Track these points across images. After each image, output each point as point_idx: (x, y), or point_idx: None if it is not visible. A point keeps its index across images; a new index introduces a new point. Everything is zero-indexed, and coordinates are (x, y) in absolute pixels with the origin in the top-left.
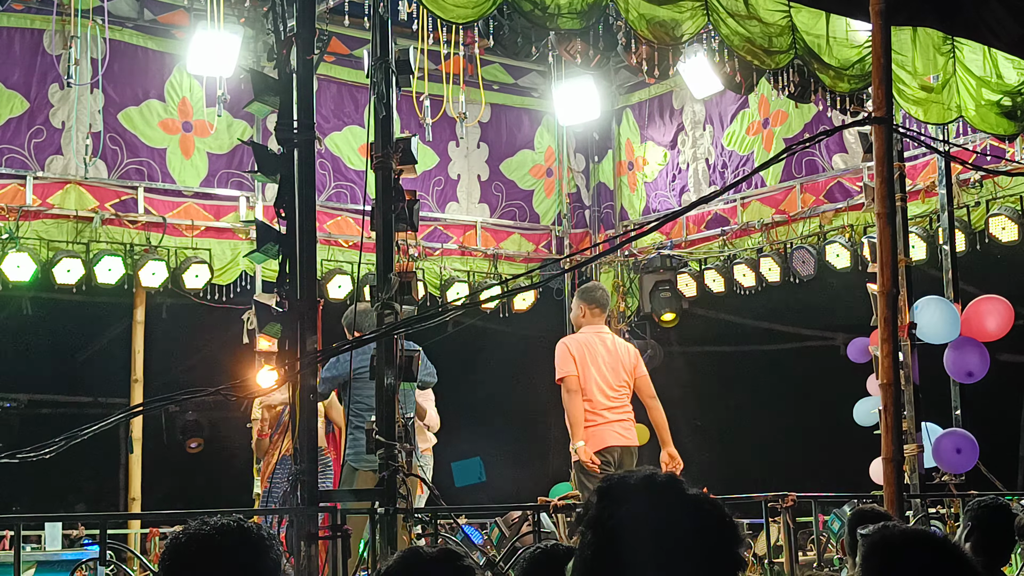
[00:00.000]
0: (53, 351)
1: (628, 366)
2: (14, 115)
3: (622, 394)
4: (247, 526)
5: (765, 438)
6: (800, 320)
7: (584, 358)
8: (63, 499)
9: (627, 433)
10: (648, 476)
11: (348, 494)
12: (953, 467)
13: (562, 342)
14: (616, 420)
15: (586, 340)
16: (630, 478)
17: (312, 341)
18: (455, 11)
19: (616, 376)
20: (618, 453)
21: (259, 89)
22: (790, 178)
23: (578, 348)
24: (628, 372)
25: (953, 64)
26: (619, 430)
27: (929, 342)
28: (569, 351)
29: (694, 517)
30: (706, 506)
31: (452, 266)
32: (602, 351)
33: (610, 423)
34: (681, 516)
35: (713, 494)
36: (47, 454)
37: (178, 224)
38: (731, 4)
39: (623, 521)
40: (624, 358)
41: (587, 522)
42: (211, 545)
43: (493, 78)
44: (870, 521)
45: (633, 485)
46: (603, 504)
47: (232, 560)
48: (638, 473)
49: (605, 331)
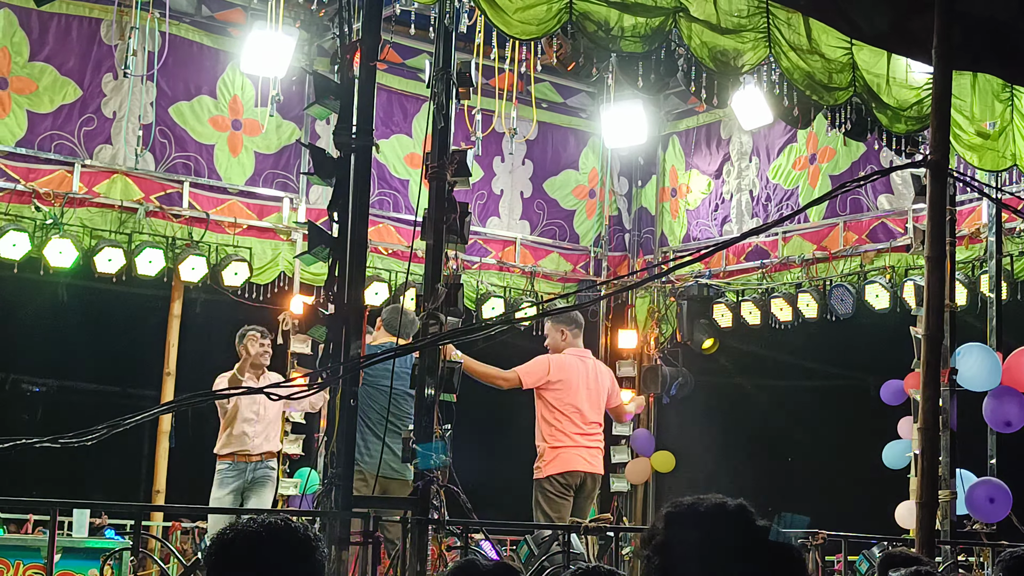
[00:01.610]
0: (87, 339)
1: (605, 392)
2: (67, 102)
3: (597, 420)
4: (295, 526)
5: (790, 474)
6: (834, 359)
7: (564, 382)
8: (81, 487)
9: (593, 460)
10: (718, 504)
11: (382, 501)
12: (985, 516)
13: (548, 357)
14: (585, 447)
15: (571, 365)
16: (699, 505)
17: (356, 346)
18: (520, 27)
19: (593, 404)
20: (580, 478)
21: (320, 92)
22: (834, 215)
23: (560, 371)
24: (607, 397)
25: (1011, 112)
26: (586, 456)
27: (969, 389)
28: (549, 370)
29: (763, 549)
30: (775, 538)
31: (489, 281)
32: (583, 377)
33: (578, 447)
34: (750, 547)
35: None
36: (89, 441)
37: (221, 221)
38: (793, 38)
39: (692, 548)
40: (603, 384)
41: (654, 547)
42: (259, 543)
43: (542, 96)
44: (901, 564)
45: (703, 513)
46: (672, 530)
47: (278, 559)
48: (707, 500)
49: (587, 355)
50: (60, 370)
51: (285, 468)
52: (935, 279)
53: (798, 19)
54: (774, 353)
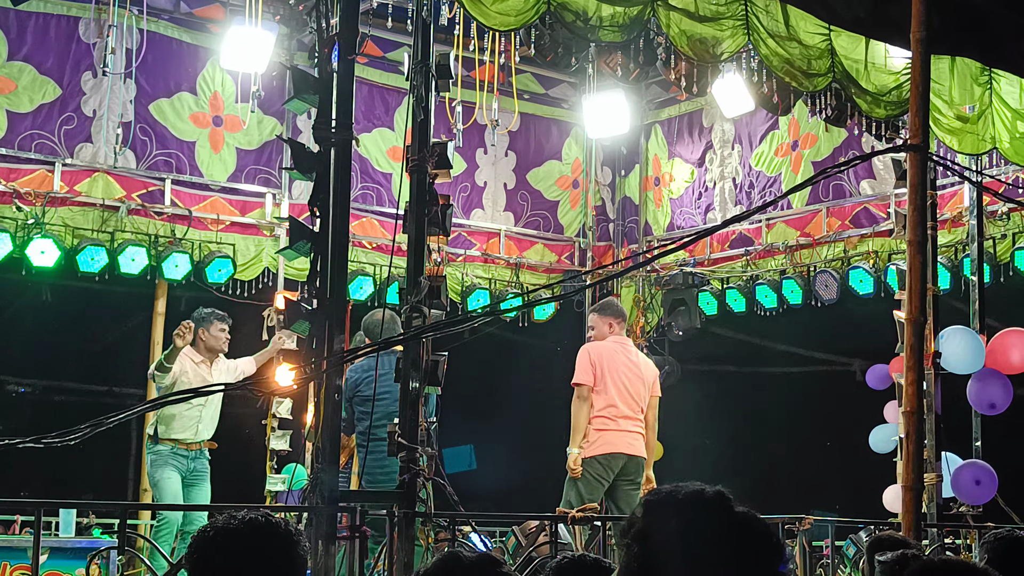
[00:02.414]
0: (71, 339)
1: (648, 382)
2: (46, 101)
3: (639, 407)
4: (275, 521)
5: (778, 459)
6: (819, 344)
7: (606, 365)
8: (71, 486)
9: (636, 443)
10: (697, 492)
11: (369, 495)
12: (971, 498)
13: (585, 348)
14: (628, 431)
15: (610, 349)
16: (678, 493)
17: (340, 341)
18: (498, 18)
19: (636, 388)
20: (623, 461)
21: (299, 86)
22: (816, 201)
23: (600, 356)
24: (647, 387)
25: (990, 95)
26: (630, 440)
27: (953, 372)
28: (591, 358)
29: (742, 535)
30: (754, 524)
31: (474, 273)
32: (625, 361)
33: (623, 431)
34: (729, 533)
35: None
36: (72, 440)
37: (203, 218)
38: (772, 25)
39: (671, 536)
40: (646, 374)
41: (634, 535)
42: (240, 539)
43: (524, 87)
44: (888, 548)
45: (681, 500)
46: (651, 518)
47: (260, 554)
48: (686, 488)
49: (629, 344)
50: (45, 370)
51: (273, 464)
52: (917, 263)
53: (776, 6)
54: (760, 340)
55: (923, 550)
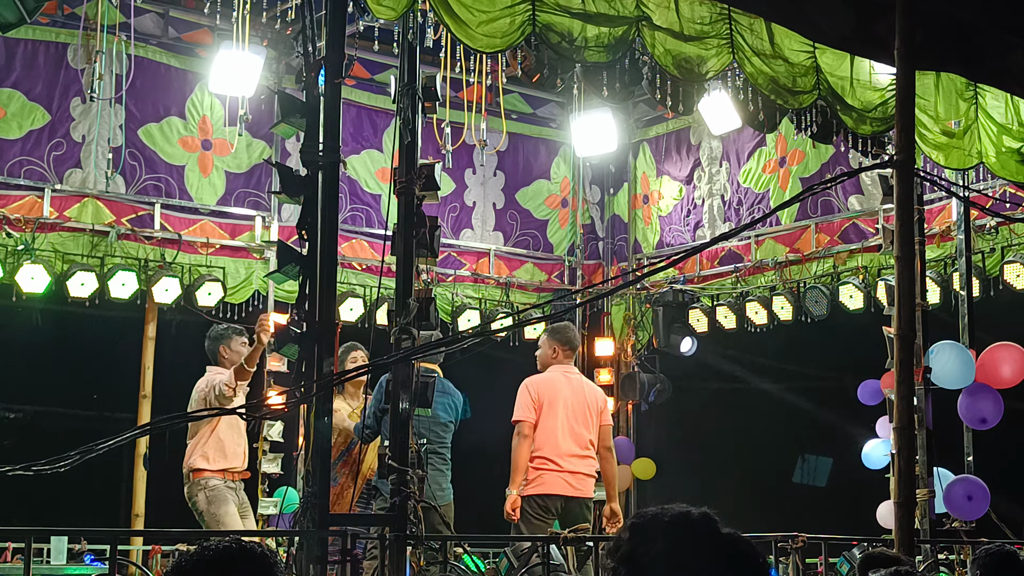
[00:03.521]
0: (62, 364)
1: (595, 410)
2: (35, 127)
3: (587, 440)
4: (249, 546)
5: (770, 477)
6: (810, 360)
7: (546, 400)
8: (61, 513)
9: (578, 484)
10: (682, 513)
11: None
12: (964, 514)
13: (525, 384)
14: (569, 471)
15: (552, 381)
16: (664, 515)
17: (329, 364)
18: (484, 40)
19: (580, 420)
20: (561, 502)
21: (286, 110)
22: (805, 217)
23: (541, 391)
24: (596, 416)
25: (975, 110)
26: (570, 480)
27: (943, 387)
28: (530, 394)
29: (727, 556)
30: (740, 546)
31: (464, 293)
32: (567, 393)
33: (562, 472)
34: (715, 555)
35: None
36: (62, 468)
37: (193, 241)
38: (756, 43)
39: (657, 558)
40: (591, 401)
41: (620, 557)
42: (215, 567)
43: (512, 107)
44: (880, 565)
45: (667, 522)
46: (636, 540)
47: None
48: (672, 509)
49: (573, 372)
50: (35, 396)
51: (264, 487)
52: (905, 278)
53: (760, 24)
54: (751, 357)
55: (916, 566)
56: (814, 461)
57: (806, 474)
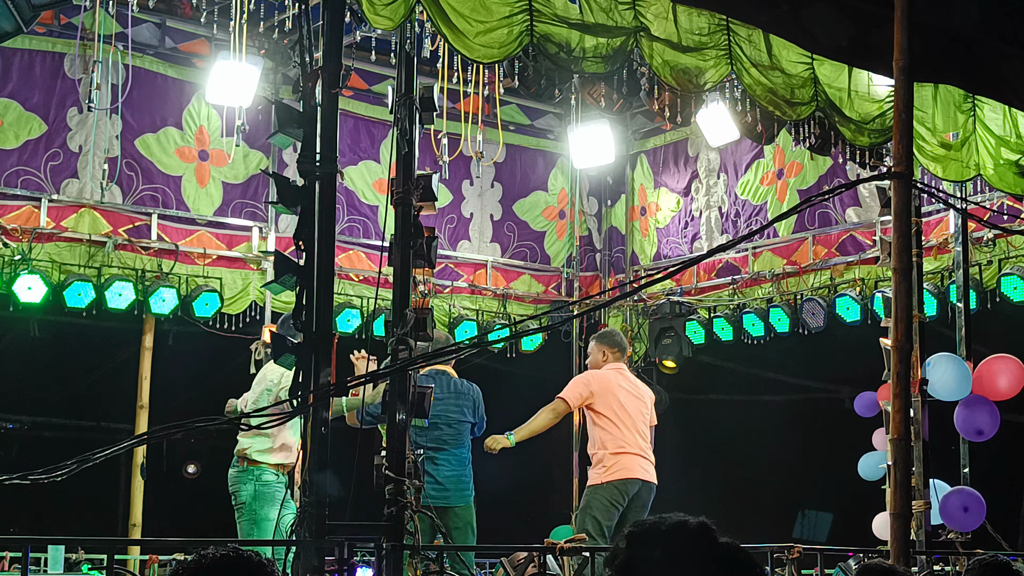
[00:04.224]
0: (59, 374)
1: (650, 406)
2: (32, 137)
3: (646, 434)
4: (245, 554)
5: (767, 488)
6: (807, 372)
7: (606, 392)
8: (60, 522)
9: (650, 470)
10: (680, 523)
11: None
12: (960, 525)
13: (587, 375)
14: (640, 455)
15: (610, 378)
16: (661, 524)
17: (326, 374)
18: (481, 51)
19: (639, 414)
20: (638, 486)
21: (283, 121)
22: (803, 229)
23: (598, 386)
24: (650, 411)
25: (973, 122)
26: (645, 466)
27: (940, 399)
28: (588, 386)
29: (725, 565)
30: (737, 555)
31: (461, 304)
32: (626, 387)
33: (637, 456)
34: (712, 564)
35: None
36: (59, 477)
37: (190, 252)
38: (754, 54)
39: (655, 567)
40: (646, 398)
41: (618, 566)
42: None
43: (509, 119)
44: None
45: (665, 531)
46: (634, 549)
47: None
48: (669, 519)
49: (626, 371)
50: (33, 406)
51: None
52: (902, 290)
53: (758, 36)
54: (748, 368)
55: None
56: (814, 516)
57: (806, 529)
